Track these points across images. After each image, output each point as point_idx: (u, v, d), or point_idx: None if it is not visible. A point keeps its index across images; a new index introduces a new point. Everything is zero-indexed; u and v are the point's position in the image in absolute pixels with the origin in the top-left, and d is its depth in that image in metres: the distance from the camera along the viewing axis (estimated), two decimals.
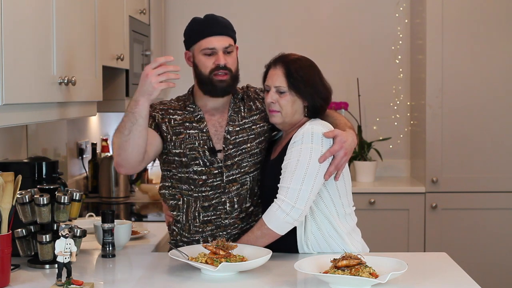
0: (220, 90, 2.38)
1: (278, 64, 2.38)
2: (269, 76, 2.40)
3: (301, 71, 2.36)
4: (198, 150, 2.40)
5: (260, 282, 2.08)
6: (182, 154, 2.41)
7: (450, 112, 4.33)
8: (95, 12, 2.76)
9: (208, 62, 2.36)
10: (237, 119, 2.45)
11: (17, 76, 2.00)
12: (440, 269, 2.24)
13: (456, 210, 4.34)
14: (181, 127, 2.42)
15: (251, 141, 2.44)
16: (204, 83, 2.38)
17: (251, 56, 3.96)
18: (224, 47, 2.36)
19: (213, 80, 2.36)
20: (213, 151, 2.40)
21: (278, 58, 2.41)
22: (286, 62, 2.37)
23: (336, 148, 2.28)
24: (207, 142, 2.41)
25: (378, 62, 4.80)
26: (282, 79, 2.36)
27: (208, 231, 2.42)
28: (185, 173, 2.42)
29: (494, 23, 4.30)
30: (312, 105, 2.37)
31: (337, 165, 2.29)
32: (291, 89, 2.35)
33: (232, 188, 2.42)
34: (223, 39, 2.37)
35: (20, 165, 2.46)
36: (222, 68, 2.35)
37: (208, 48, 2.35)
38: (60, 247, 1.98)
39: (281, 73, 2.36)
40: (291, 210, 2.24)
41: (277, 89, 2.36)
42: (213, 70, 2.35)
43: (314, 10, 4.84)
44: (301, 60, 2.39)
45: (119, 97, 3.55)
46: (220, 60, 2.34)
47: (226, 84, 2.37)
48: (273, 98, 2.37)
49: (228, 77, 2.37)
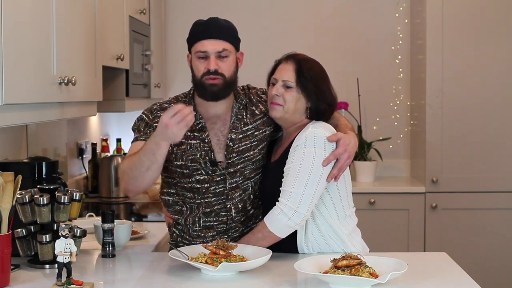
0: (210, 94, 2.34)
1: (290, 60, 2.38)
2: (279, 70, 2.39)
3: (312, 72, 2.36)
4: (199, 162, 2.38)
5: (260, 282, 2.08)
6: (183, 166, 2.39)
7: (450, 112, 4.33)
8: (95, 12, 2.76)
9: (200, 66, 2.34)
10: (240, 126, 2.42)
11: (17, 76, 2.00)
12: (440, 269, 2.24)
13: (456, 210, 4.33)
14: (182, 137, 2.39)
15: (254, 148, 2.42)
16: (197, 86, 2.38)
17: (251, 56, 3.95)
18: (217, 51, 2.32)
19: (204, 84, 2.33)
20: (213, 164, 2.38)
21: (291, 55, 2.41)
22: (299, 60, 2.38)
23: (340, 151, 2.27)
24: (209, 153, 2.38)
25: (378, 62, 4.80)
26: (292, 74, 2.35)
27: (209, 236, 2.42)
28: (188, 182, 2.41)
29: (494, 23, 4.30)
30: (315, 107, 2.36)
31: (340, 167, 2.29)
32: (298, 85, 2.34)
33: (235, 195, 2.41)
34: (217, 43, 2.32)
35: (20, 165, 2.46)
36: (212, 73, 2.32)
37: (201, 51, 2.32)
38: (60, 247, 1.98)
39: (292, 68, 2.36)
40: (293, 215, 2.23)
41: (284, 83, 2.35)
42: (205, 74, 2.32)
43: (314, 10, 4.84)
44: (313, 63, 2.40)
45: (119, 97, 3.55)
46: (211, 65, 2.31)
47: (217, 89, 2.33)
48: (278, 91, 2.35)
49: (220, 82, 2.33)
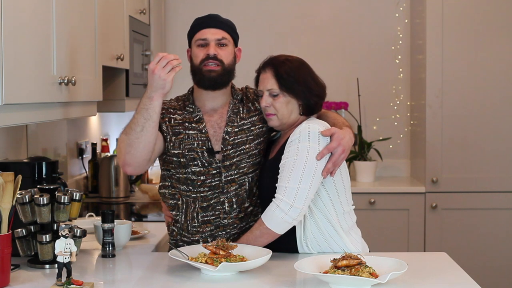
0: (208, 79, 2.37)
1: (267, 68, 2.39)
2: (261, 81, 2.41)
3: (291, 71, 2.36)
4: (196, 151, 2.40)
5: (260, 282, 2.08)
6: (180, 155, 2.41)
7: (450, 112, 4.33)
8: (95, 12, 2.76)
9: (200, 53, 2.38)
10: (236, 120, 2.45)
11: (17, 76, 2.00)
12: (440, 269, 2.24)
13: (456, 210, 4.33)
14: (180, 127, 2.43)
15: (250, 142, 2.44)
16: (195, 73, 2.40)
17: (251, 56, 3.95)
18: (217, 38, 2.37)
19: (202, 70, 2.37)
20: (211, 152, 2.40)
21: (267, 62, 2.41)
22: (275, 65, 2.38)
23: (334, 145, 2.28)
24: (206, 143, 2.41)
25: (378, 62, 4.80)
26: (273, 82, 2.36)
27: (208, 231, 2.42)
28: (184, 174, 2.42)
29: (494, 23, 4.30)
30: (306, 103, 2.37)
31: (335, 162, 2.29)
32: (283, 90, 2.35)
33: (230, 189, 2.42)
34: (217, 32, 2.38)
35: (20, 165, 2.46)
36: (212, 58, 2.35)
37: (201, 39, 2.37)
38: (60, 247, 1.98)
39: (271, 76, 2.37)
40: (290, 209, 2.24)
41: (269, 92, 2.37)
42: (204, 60, 2.36)
43: (314, 10, 4.84)
44: (290, 61, 2.39)
45: (119, 97, 3.55)
46: (210, 50, 2.36)
47: (216, 75, 2.36)
48: (267, 102, 2.37)
49: (219, 68, 2.37)
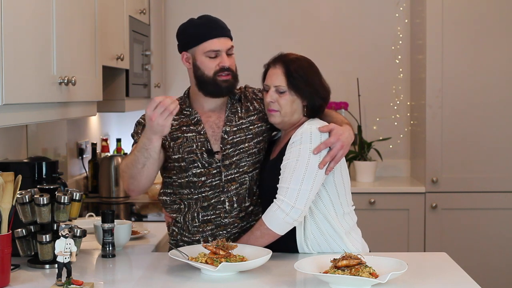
0: (225, 89, 2.42)
1: (277, 64, 2.39)
2: (269, 76, 2.40)
3: (301, 71, 2.36)
4: (196, 153, 2.40)
5: (260, 282, 2.08)
6: (180, 159, 2.41)
7: (450, 112, 4.33)
8: (95, 12, 2.76)
9: (212, 64, 2.39)
10: (234, 120, 2.46)
11: (17, 76, 1.99)
12: (440, 269, 2.24)
13: (456, 210, 4.33)
14: (178, 132, 2.44)
15: (249, 141, 2.45)
16: (207, 84, 2.41)
17: (251, 56, 3.97)
18: (227, 48, 2.41)
19: (217, 81, 2.40)
20: (210, 153, 2.40)
21: (277, 58, 2.41)
22: (286, 62, 2.37)
23: (332, 140, 2.27)
24: (205, 144, 2.42)
25: (378, 62, 4.80)
26: (282, 79, 2.36)
27: (208, 230, 2.43)
28: (185, 177, 2.43)
29: (494, 23, 4.30)
30: (311, 104, 2.37)
31: (332, 155, 2.28)
32: (290, 88, 2.35)
33: (231, 188, 2.42)
34: (226, 41, 2.41)
35: (20, 165, 2.46)
36: (226, 69, 2.39)
37: (213, 50, 2.38)
38: (60, 247, 1.98)
39: (280, 73, 2.36)
40: (291, 210, 2.24)
41: (276, 88, 2.36)
42: (218, 71, 2.39)
43: (314, 10, 4.84)
44: (301, 60, 2.39)
45: (119, 97, 3.55)
46: (225, 62, 2.39)
47: (230, 84, 2.42)
48: (272, 97, 2.37)
49: (231, 77, 2.41)
